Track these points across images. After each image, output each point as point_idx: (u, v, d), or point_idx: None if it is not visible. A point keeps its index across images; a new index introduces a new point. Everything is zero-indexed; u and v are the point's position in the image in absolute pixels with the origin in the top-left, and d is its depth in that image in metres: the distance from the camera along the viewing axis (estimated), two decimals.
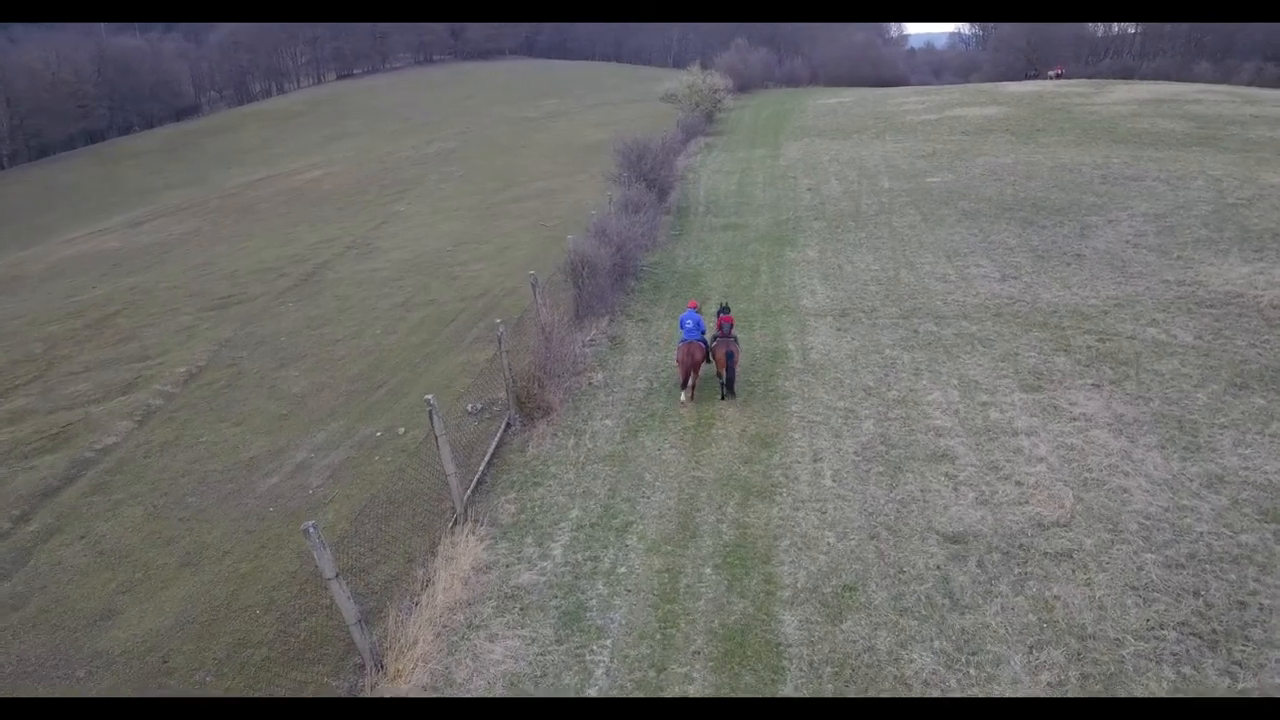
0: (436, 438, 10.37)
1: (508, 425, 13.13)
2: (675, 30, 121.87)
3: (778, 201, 27.20)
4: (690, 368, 13.26)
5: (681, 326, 13.63)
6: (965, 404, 12.59)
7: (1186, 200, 22.27)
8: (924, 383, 13.40)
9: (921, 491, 10.49)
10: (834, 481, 10.89)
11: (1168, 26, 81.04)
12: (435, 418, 10.25)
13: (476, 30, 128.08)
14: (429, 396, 10.16)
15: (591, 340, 16.35)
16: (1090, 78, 67.28)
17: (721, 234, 24.08)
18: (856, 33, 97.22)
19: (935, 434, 11.82)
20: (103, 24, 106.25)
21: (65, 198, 74.86)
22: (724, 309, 14.14)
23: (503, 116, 69.33)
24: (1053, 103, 42.67)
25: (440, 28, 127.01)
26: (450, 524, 10.68)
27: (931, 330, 15.51)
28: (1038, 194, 24.36)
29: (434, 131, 67.03)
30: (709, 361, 13.69)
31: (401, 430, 13.63)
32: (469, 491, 11.16)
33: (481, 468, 11.92)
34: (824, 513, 10.26)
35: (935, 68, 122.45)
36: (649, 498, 10.93)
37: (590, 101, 72.74)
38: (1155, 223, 20.64)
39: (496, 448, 12.54)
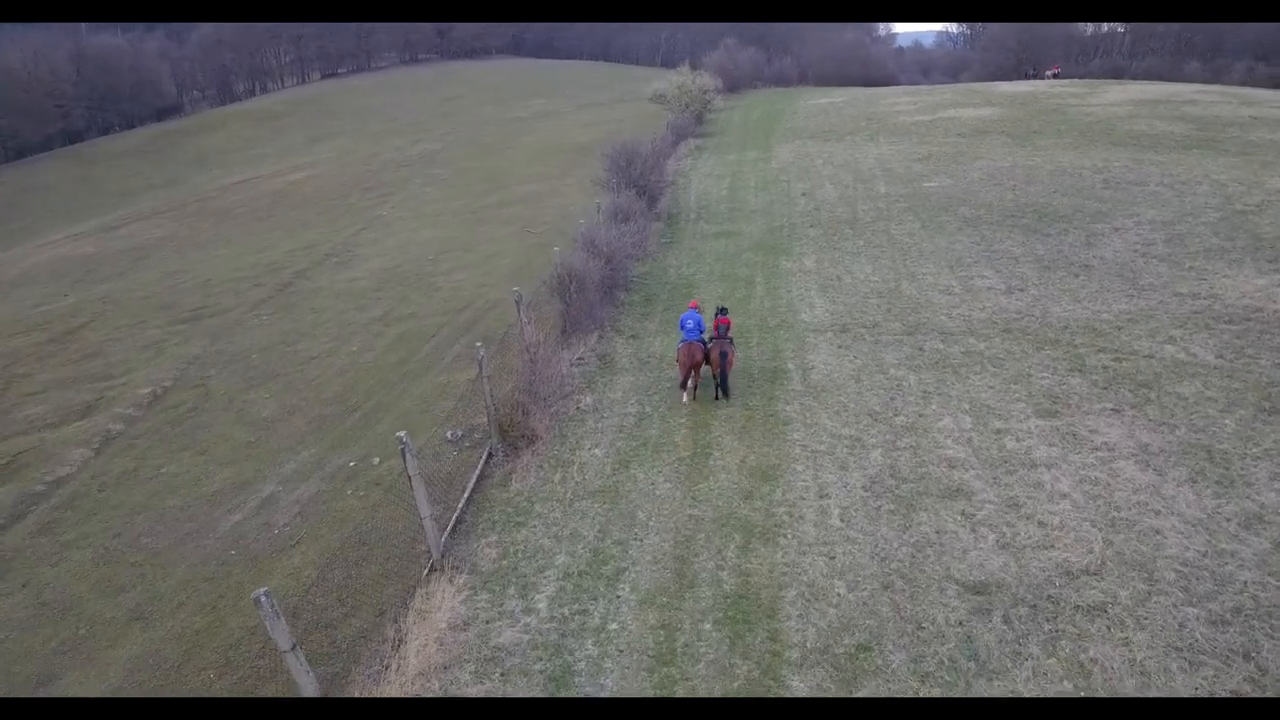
0: (410, 478, 9.51)
1: (489, 455, 12.26)
2: (663, 29, 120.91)
3: (771, 207, 26.40)
4: (691, 368, 13.25)
5: (682, 327, 13.56)
6: (978, 431, 11.80)
7: (1193, 206, 21.60)
8: (933, 407, 12.61)
9: (937, 533, 9.68)
10: (842, 521, 10.06)
11: (1158, 25, 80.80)
12: (408, 455, 9.37)
13: (463, 29, 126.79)
14: (401, 434, 9.27)
15: (579, 359, 15.49)
16: (1081, 77, 66.87)
17: (714, 242, 23.25)
18: (845, 32, 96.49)
19: (948, 466, 11.02)
20: (82, 23, 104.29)
21: (42, 200, 73.30)
22: (722, 311, 14.00)
23: (489, 117, 68.30)
24: (1047, 104, 42.05)
25: (426, 26, 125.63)
26: (425, 571, 9.81)
27: (938, 348, 14.73)
28: (1040, 200, 23.64)
29: (419, 132, 65.91)
30: (708, 362, 13.57)
31: (376, 460, 12.73)
32: (445, 535, 10.28)
33: (460, 505, 11.04)
34: (832, 558, 9.44)
35: (924, 67, 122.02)
36: (642, 540, 10.08)
37: (578, 102, 71.79)
38: (1163, 230, 19.94)
39: (477, 481, 11.66)
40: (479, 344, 11.95)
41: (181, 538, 11.31)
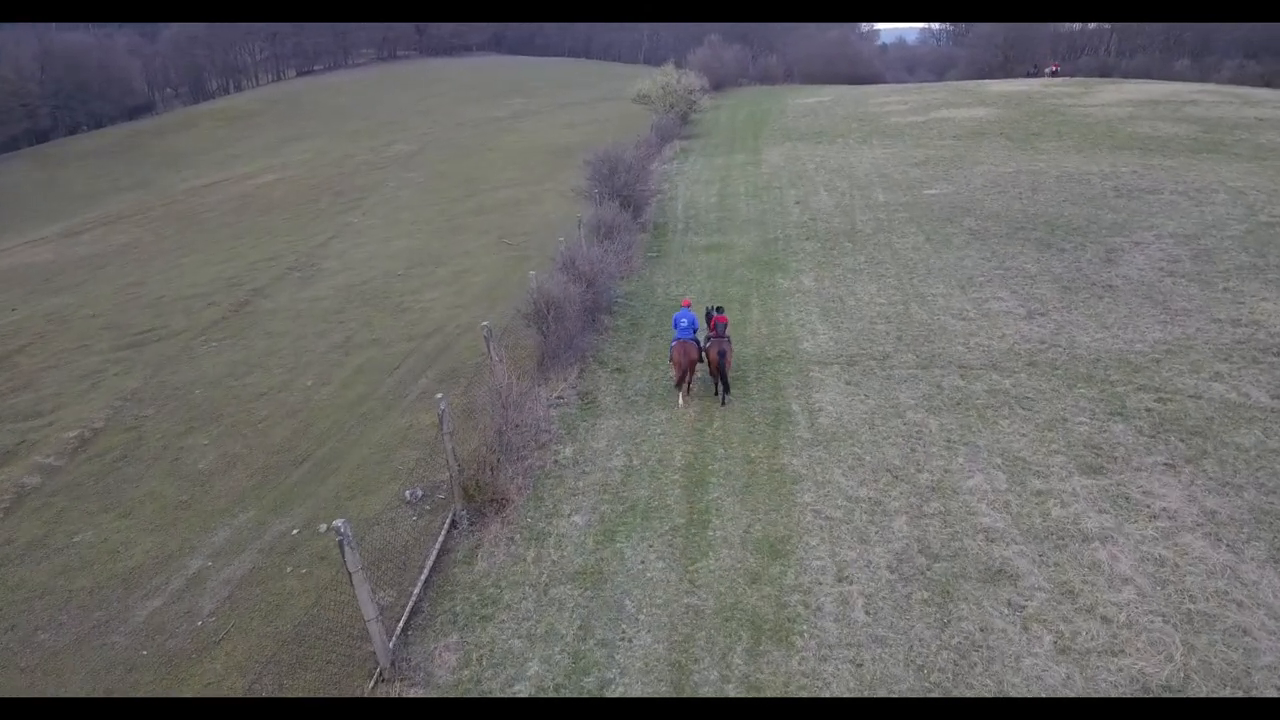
0: (350, 575, 7.89)
1: (453, 523, 10.61)
2: (646, 26, 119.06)
3: (764, 217, 24.83)
4: (686, 368, 12.94)
5: (675, 326, 13.25)
6: (1015, 493, 10.27)
7: (1215, 218, 20.21)
8: (960, 461, 11.07)
9: (982, 631, 8.13)
10: (868, 614, 8.49)
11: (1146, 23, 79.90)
12: (347, 550, 7.79)
13: (442, 25, 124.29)
14: (339, 523, 7.66)
15: (558, 399, 13.84)
16: (1071, 75, 65.69)
17: (704, 256, 21.65)
18: (830, 29, 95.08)
19: (986, 538, 9.48)
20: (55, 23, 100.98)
21: (5, 202, 70.64)
22: (718, 309, 13.80)
23: (468, 117, 66.38)
24: (1042, 104, 40.72)
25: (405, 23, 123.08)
26: (371, 683, 8.17)
27: (958, 385, 13.20)
28: (1049, 209, 22.20)
29: (395, 132, 63.92)
30: (703, 361, 13.33)
31: (323, 528, 11.04)
32: (397, 635, 8.62)
33: (416, 591, 9.38)
34: (859, 665, 7.88)
35: (909, 64, 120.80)
36: (631, 640, 8.47)
37: (560, 101, 69.98)
38: (1187, 245, 18.53)
39: (437, 557, 10.01)
40: (440, 395, 10.27)
41: (86, 632, 9.58)
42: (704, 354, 13.23)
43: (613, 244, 18.67)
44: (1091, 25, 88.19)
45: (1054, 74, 58.16)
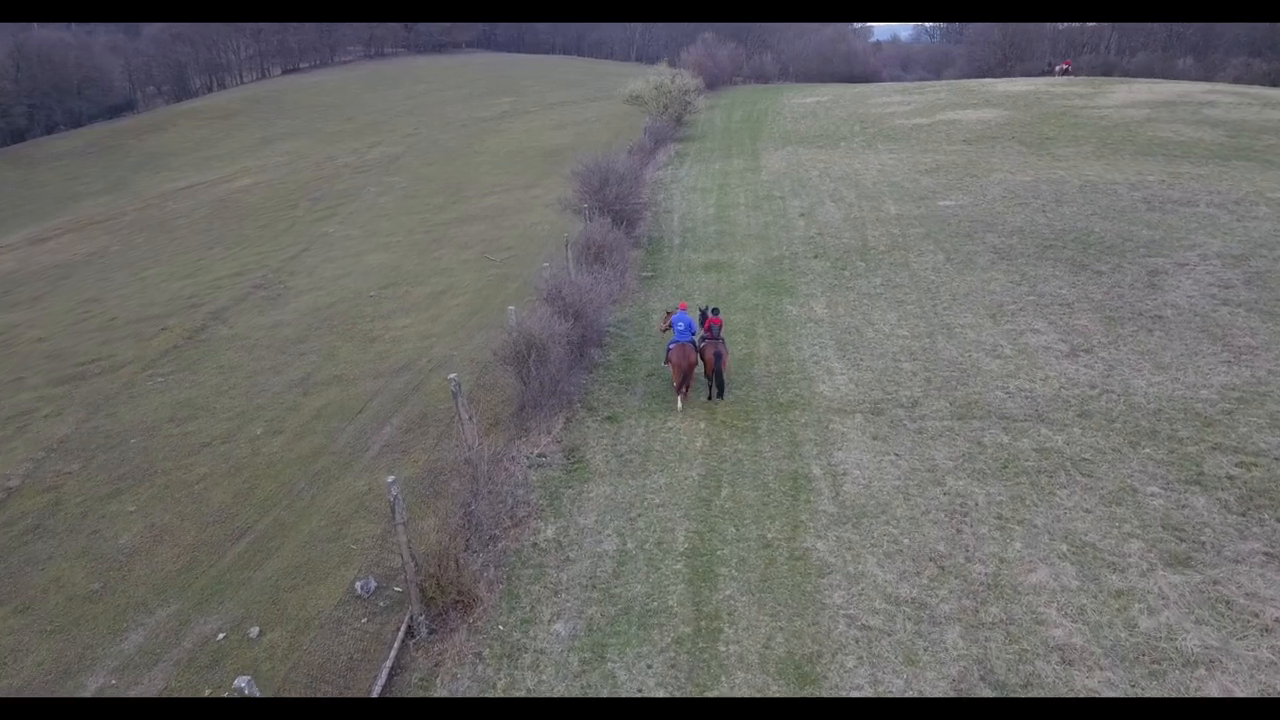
0: None
1: (409, 631, 8.75)
2: (638, 24, 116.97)
3: (766, 231, 23.00)
4: (684, 370, 12.89)
5: (673, 328, 13.17)
6: (1090, 593, 8.48)
7: (1262, 235, 18.51)
8: (1018, 547, 9.27)
9: None
10: None
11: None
12: None
13: (431, 23, 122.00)
14: (241, 681, 5.81)
15: (540, 456, 11.99)
16: (1076, 74, 64.05)
17: (703, 276, 19.81)
18: (826, 27, 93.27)
19: (1062, 659, 7.69)
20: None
21: None
22: (713, 310, 13.67)
23: (454, 117, 64.30)
24: (1052, 105, 39.02)
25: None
26: None
27: (1001, 442, 11.41)
28: (1078, 224, 20.45)
29: (380, 133, 61.83)
30: (701, 360, 13.20)
31: (255, 631, 9.17)
32: None
33: None
34: None
35: (903, 62, 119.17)
36: None
37: (550, 100, 67.93)
38: (1238, 268, 16.81)
39: (388, 679, 8.15)
40: (391, 478, 8.40)
41: None
42: (699, 355, 13.08)
43: (603, 269, 16.82)
44: (1091, 24, 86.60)
45: (1065, 72, 56.40)
